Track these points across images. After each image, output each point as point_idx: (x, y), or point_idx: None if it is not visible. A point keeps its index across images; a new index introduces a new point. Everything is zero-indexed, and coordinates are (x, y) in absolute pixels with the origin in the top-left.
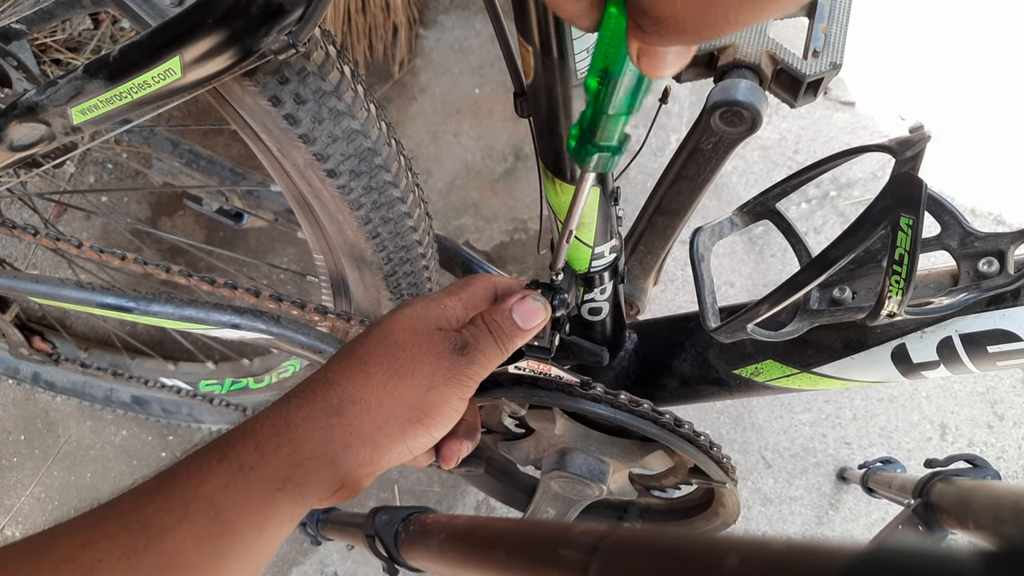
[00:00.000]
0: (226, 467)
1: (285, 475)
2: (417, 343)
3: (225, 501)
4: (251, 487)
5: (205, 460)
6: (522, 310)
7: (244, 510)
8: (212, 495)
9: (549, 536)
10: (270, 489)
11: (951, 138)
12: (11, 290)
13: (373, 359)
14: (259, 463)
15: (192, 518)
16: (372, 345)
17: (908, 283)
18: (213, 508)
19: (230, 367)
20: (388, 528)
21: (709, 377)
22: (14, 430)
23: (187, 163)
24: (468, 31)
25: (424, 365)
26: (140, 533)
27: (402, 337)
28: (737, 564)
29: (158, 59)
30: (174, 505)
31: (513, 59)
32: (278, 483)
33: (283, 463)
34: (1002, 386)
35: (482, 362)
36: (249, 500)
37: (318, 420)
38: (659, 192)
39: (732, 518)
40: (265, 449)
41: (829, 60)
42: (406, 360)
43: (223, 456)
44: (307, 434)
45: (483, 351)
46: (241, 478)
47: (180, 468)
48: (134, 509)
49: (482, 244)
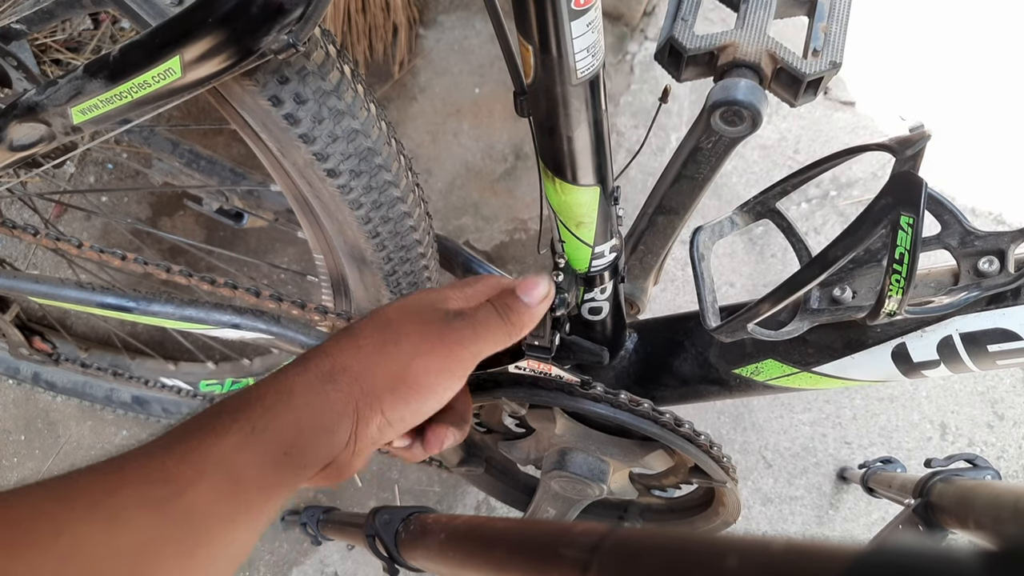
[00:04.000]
0: (238, 428)
1: (290, 440)
2: (408, 316)
3: (239, 461)
4: (262, 449)
5: (218, 419)
6: (524, 286)
7: (255, 472)
8: (228, 454)
9: (550, 536)
10: (278, 453)
11: (951, 137)
12: (11, 290)
13: (363, 332)
14: (268, 425)
15: (211, 474)
16: (365, 321)
17: (908, 282)
18: (229, 467)
19: (230, 367)
20: (388, 528)
21: (709, 376)
22: (14, 430)
23: (187, 163)
24: (468, 31)
25: (412, 335)
26: (163, 485)
27: (392, 313)
28: (737, 564)
29: (158, 59)
30: (193, 460)
31: (513, 58)
32: (284, 447)
33: (289, 427)
34: (1002, 386)
35: (478, 329)
36: (260, 462)
37: (315, 387)
38: (659, 191)
39: (732, 518)
40: (272, 412)
41: (829, 59)
42: (393, 329)
43: (235, 417)
44: (307, 400)
45: (482, 320)
46: (253, 439)
47: (194, 425)
48: (155, 459)
49: (482, 244)
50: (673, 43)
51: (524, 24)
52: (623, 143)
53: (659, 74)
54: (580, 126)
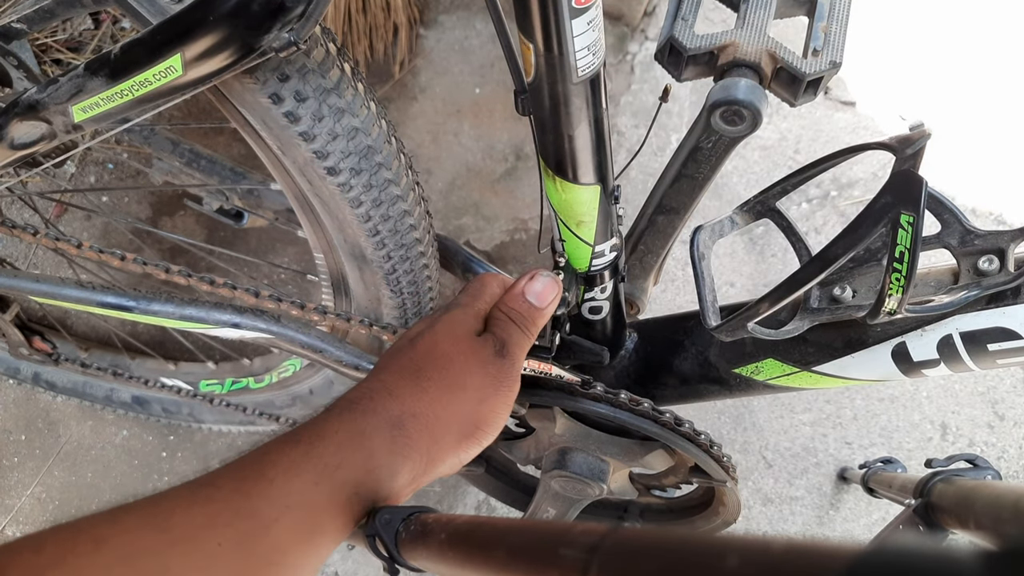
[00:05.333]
0: (312, 464)
1: (359, 480)
2: (463, 353)
3: (316, 499)
4: (336, 489)
5: (289, 453)
6: (533, 289)
7: (330, 510)
8: (306, 492)
9: (550, 536)
10: (348, 493)
11: (952, 137)
12: (11, 289)
13: (425, 372)
14: (341, 464)
15: (293, 510)
16: (422, 358)
17: (908, 281)
18: (308, 506)
19: (231, 367)
20: (389, 528)
21: (709, 376)
22: (15, 430)
23: (187, 162)
24: (469, 31)
25: (474, 377)
26: (250, 520)
27: (448, 348)
28: (738, 564)
29: (159, 57)
30: (275, 496)
31: (514, 57)
32: (355, 487)
33: (359, 468)
34: (1003, 386)
35: (517, 355)
36: (334, 501)
37: (384, 431)
38: (659, 191)
39: (732, 518)
40: (345, 452)
41: (829, 59)
42: (456, 373)
43: (308, 453)
44: (377, 443)
45: (516, 344)
46: (327, 477)
47: (266, 457)
48: (240, 494)
49: (483, 244)
50: (673, 43)
51: (525, 22)
52: (624, 143)
53: (659, 74)
54: (581, 125)
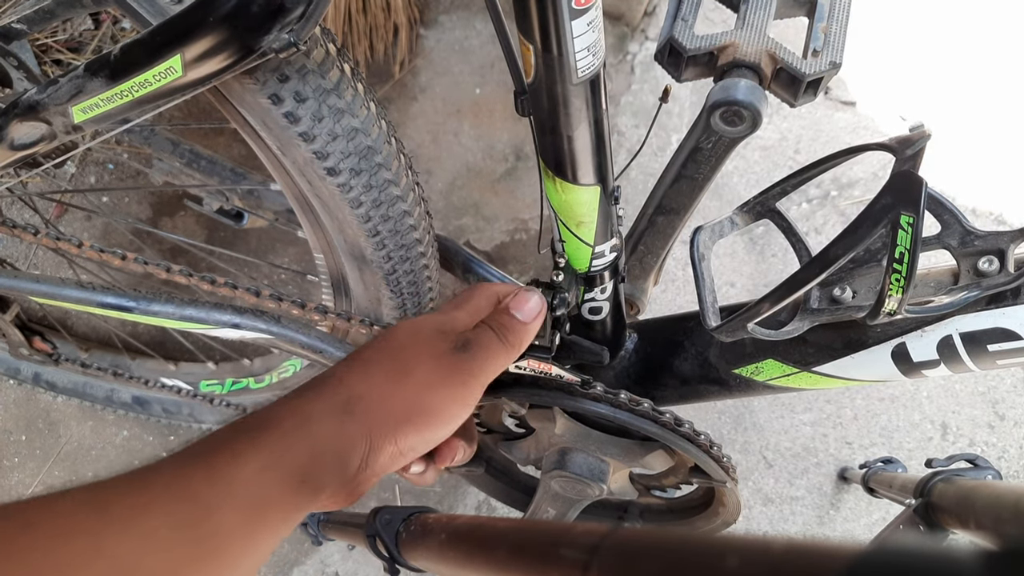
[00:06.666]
0: (257, 452)
1: (306, 468)
2: (416, 344)
3: (262, 485)
4: (283, 475)
5: (235, 441)
6: (517, 303)
7: (277, 497)
8: (252, 478)
9: (550, 536)
10: (296, 479)
11: (952, 137)
12: (12, 290)
13: (374, 360)
14: (287, 452)
15: (237, 496)
16: (375, 348)
17: (908, 282)
18: (254, 491)
19: (231, 367)
20: (389, 528)
21: (709, 376)
22: (15, 430)
23: (187, 163)
24: (469, 31)
25: (423, 365)
26: (191, 504)
27: (403, 339)
28: (738, 564)
29: (159, 57)
30: (218, 481)
31: (514, 57)
32: (301, 475)
33: (305, 454)
34: (1003, 386)
35: (486, 359)
36: (281, 487)
37: (330, 416)
38: (659, 192)
39: (733, 518)
40: (290, 438)
41: (829, 59)
42: (403, 360)
43: (253, 441)
44: (323, 428)
45: (485, 347)
46: (272, 463)
47: (215, 444)
48: (181, 478)
49: (483, 244)
50: (673, 43)
51: (525, 23)
52: (624, 143)
53: (659, 74)
54: (581, 125)
